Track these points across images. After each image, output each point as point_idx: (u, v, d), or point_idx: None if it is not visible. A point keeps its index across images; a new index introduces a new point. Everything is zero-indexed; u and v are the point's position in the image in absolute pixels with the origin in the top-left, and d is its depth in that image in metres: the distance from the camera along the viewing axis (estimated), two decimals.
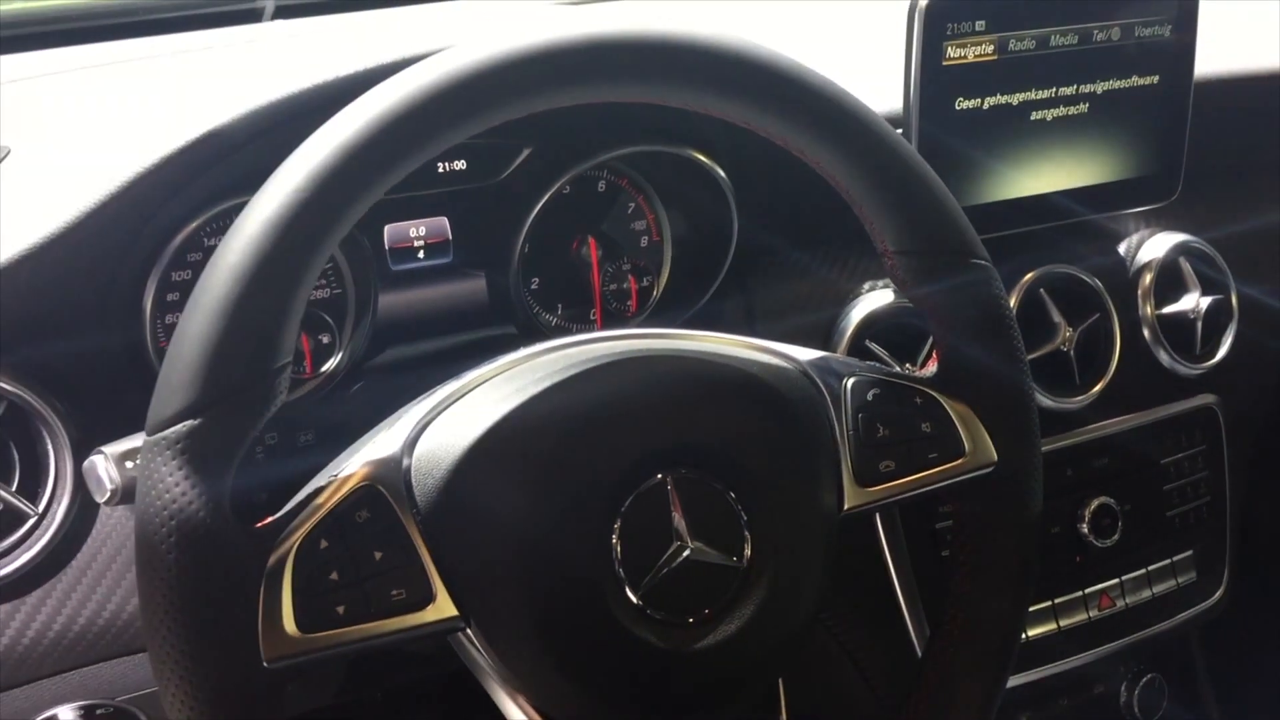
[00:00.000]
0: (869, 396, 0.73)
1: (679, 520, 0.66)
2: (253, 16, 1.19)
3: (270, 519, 0.62)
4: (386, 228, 0.91)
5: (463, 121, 0.62)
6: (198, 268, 0.82)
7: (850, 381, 0.73)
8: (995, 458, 0.75)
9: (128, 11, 1.16)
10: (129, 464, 0.69)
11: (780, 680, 0.73)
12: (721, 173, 0.95)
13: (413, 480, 0.64)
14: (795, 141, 0.71)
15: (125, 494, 0.70)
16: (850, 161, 0.71)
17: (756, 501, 0.68)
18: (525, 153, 0.93)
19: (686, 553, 0.66)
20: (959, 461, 0.74)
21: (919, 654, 1.01)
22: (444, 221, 0.93)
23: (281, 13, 1.19)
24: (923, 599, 1.01)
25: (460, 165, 0.92)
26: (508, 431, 0.65)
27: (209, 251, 0.82)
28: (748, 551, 0.67)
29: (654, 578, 0.65)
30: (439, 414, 0.66)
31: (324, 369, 0.89)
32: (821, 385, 0.72)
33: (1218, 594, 1.17)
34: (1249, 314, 1.14)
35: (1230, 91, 1.13)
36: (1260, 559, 1.25)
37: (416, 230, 0.92)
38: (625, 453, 0.66)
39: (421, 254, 0.93)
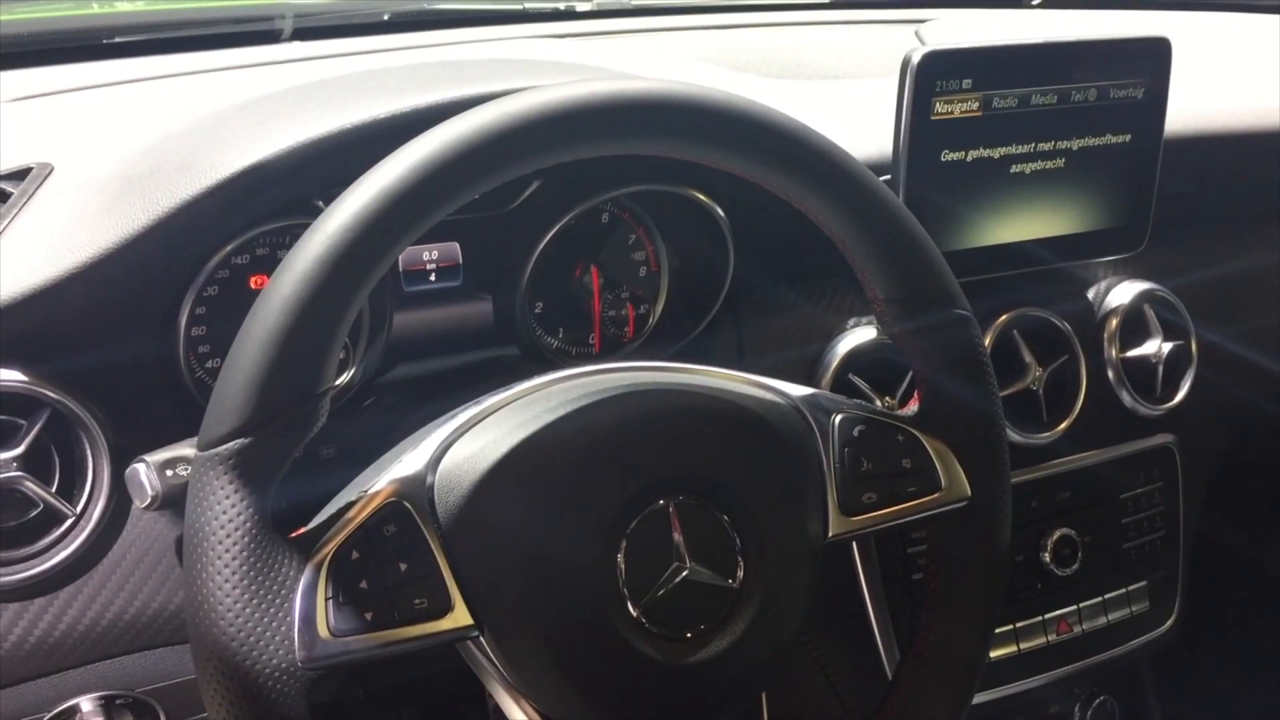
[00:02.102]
0: (855, 432, 0.78)
1: (679, 543, 0.71)
2: (271, 37, 1.23)
3: (304, 530, 0.67)
4: None
5: (504, 168, 0.68)
6: (225, 284, 0.87)
7: (838, 418, 0.79)
8: (969, 493, 0.81)
9: (148, 29, 1.20)
10: (169, 472, 0.74)
11: (763, 694, 0.78)
12: (720, 212, 1.00)
13: (435, 497, 0.69)
14: (795, 195, 0.77)
15: (165, 500, 0.75)
16: (845, 216, 0.77)
17: (750, 527, 0.73)
18: (535, 185, 0.98)
19: (685, 573, 0.71)
20: (935, 496, 0.80)
21: (888, 673, 1.07)
22: (455, 246, 0.98)
23: (300, 34, 1.23)
24: (894, 621, 1.07)
25: None
26: (524, 455, 0.70)
27: (236, 270, 0.87)
28: (740, 573, 0.73)
29: (654, 595, 0.71)
30: (461, 435, 0.71)
31: (338, 383, 0.93)
32: (812, 420, 0.78)
33: (1169, 623, 1.23)
34: (1207, 359, 1.21)
35: (1196, 149, 1.19)
36: (1210, 592, 1.32)
37: (429, 254, 0.97)
38: (632, 479, 0.71)
39: (433, 276, 0.98)
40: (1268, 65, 1.41)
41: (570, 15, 1.38)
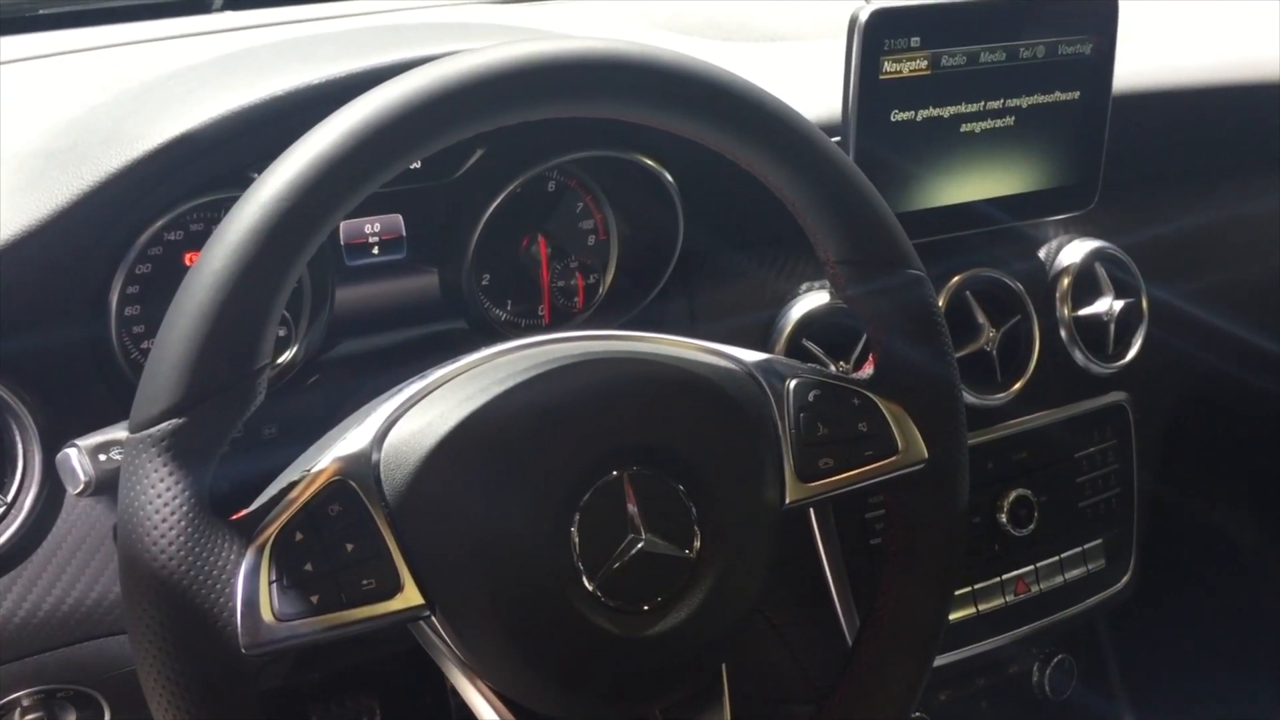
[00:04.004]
0: (810, 397, 0.77)
1: (634, 514, 0.70)
2: (202, 6, 1.19)
3: (246, 512, 0.64)
4: (342, 224, 0.93)
5: (441, 133, 0.65)
6: (158, 262, 0.84)
7: (793, 383, 0.77)
8: (926, 455, 0.80)
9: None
10: (102, 457, 0.72)
11: (723, 665, 0.77)
12: (669, 177, 0.98)
13: (382, 475, 0.67)
14: (746, 157, 0.75)
15: (99, 486, 0.72)
16: (797, 178, 0.76)
17: (706, 496, 0.72)
18: (478, 153, 0.96)
19: (640, 545, 0.70)
20: (893, 459, 0.79)
21: (849, 639, 1.07)
22: (398, 219, 0.95)
23: (232, 3, 1.19)
24: (853, 586, 1.07)
25: (415, 164, 0.94)
26: (473, 429, 0.68)
27: (170, 247, 0.85)
28: (697, 543, 0.72)
29: (610, 568, 0.69)
30: (407, 410, 0.69)
31: (280, 361, 0.91)
32: (766, 386, 0.77)
33: (1125, 580, 1.24)
34: (1158, 317, 1.21)
35: (1145, 106, 1.19)
36: (1164, 548, 1.33)
37: (371, 227, 0.94)
38: (584, 450, 0.70)
39: (376, 250, 0.95)
40: (1215, 21, 1.41)
41: None
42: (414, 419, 0.68)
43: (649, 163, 0.98)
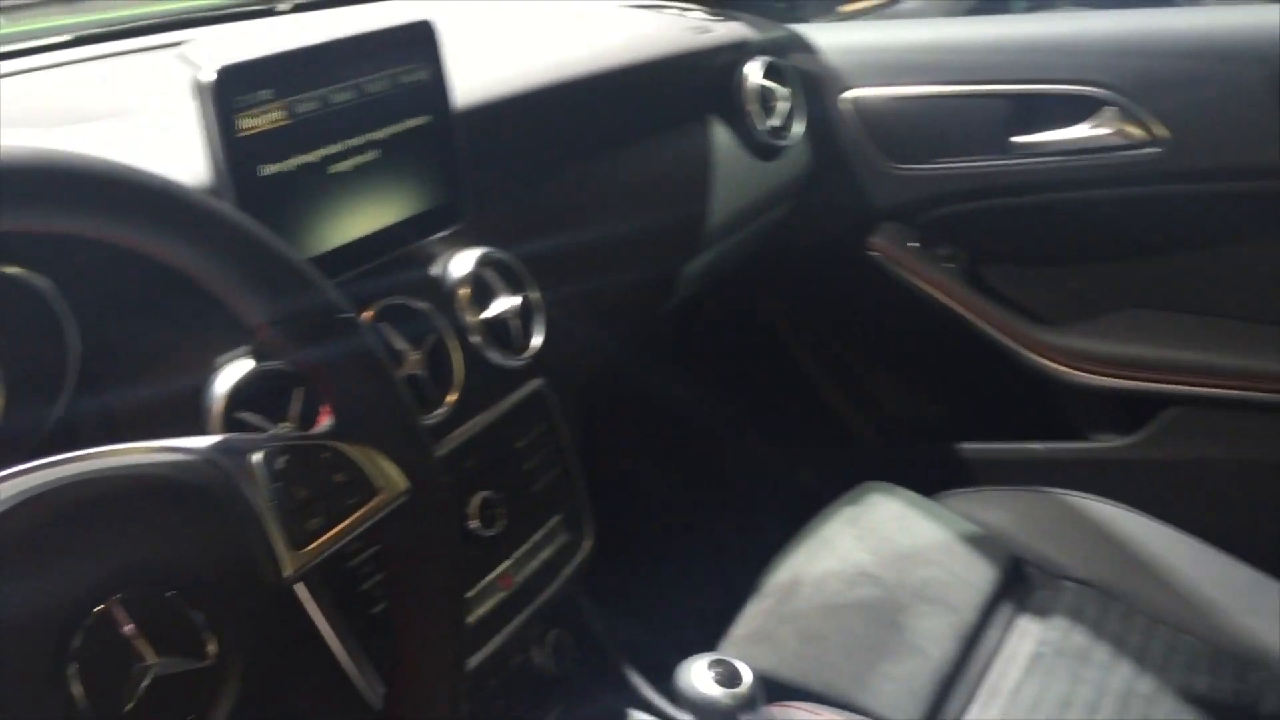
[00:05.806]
0: (279, 465, 0.75)
1: (136, 641, 0.64)
2: None
3: None
4: None
5: None
6: None
7: (256, 456, 0.75)
8: (406, 485, 0.81)
9: None
10: None
11: None
12: (42, 281, 0.89)
13: None
14: (137, 241, 0.71)
15: None
16: (201, 251, 0.73)
17: (205, 598, 0.68)
18: None
19: (154, 670, 0.64)
20: (378, 500, 0.79)
21: (372, 695, 1.04)
22: None
23: None
24: (362, 638, 1.05)
25: None
26: None
27: None
28: (212, 648, 0.67)
29: (127, 709, 0.63)
30: None
31: None
32: (230, 467, 0.73)
33: (586, 547, 1.34)
34: (551, 305, 1.31)
35: (494, 114, 1.28)
36: (611, 511, 1.45)
37: None
38: (55, 596, 0.62)
39: None
40: (546, 27, 1.55)
41: None
42: None
43: (12, 271, 0.88)
